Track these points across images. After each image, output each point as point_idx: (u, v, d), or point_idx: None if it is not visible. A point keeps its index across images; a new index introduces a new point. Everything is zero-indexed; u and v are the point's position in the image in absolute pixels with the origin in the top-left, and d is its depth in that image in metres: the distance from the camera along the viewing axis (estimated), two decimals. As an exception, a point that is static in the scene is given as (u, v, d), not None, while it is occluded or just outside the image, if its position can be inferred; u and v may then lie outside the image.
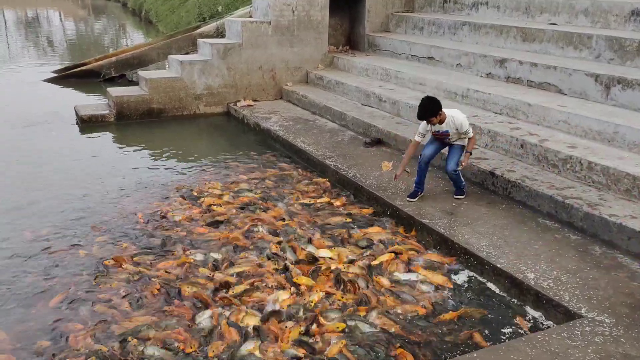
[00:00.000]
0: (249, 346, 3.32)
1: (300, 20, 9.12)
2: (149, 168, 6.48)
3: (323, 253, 4.39)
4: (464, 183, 5.10)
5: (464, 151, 4.93)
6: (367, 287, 3.97)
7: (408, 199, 5.07)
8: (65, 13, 31.72)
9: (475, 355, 3.08)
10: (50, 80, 11.47)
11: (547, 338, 3.18)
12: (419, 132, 4.96)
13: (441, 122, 4.80)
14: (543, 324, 3.55)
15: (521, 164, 5.37)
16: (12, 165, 6.47)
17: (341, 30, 10.23)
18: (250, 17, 9.96)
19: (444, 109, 4.78)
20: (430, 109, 4.72)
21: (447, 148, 5.08)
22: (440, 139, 5.00)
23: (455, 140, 4.95)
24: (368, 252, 4.43)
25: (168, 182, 5.97)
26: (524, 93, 6.38)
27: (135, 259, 4.35)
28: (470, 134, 4.90)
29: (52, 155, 6.84)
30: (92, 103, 9.11)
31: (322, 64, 9.50)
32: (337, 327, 3.51)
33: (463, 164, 4.90)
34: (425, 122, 4.85)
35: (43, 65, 13.29)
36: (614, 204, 4.39)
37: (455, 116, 4.83)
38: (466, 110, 6.43)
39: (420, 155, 5.04)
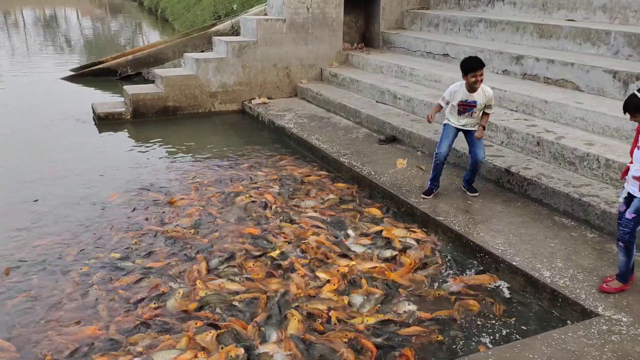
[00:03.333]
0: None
1: (315, 17, 9.13)
2: (164, 165, 6.53)
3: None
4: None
5: (479, 125, 4.90)
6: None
7: (423, 196, 5.06)
8: (82, 12, 32.08)
9: (490, 352, 3.07)
10: (68, 79, 11.61)
11: (562, 336, 3.16)
12: (444, 97, 4.95)
13: (475, 89, 4.77)
14: (559, 323, 3.53)
15: (537, 161, 5.33)
16: (29, 163, 6.55)
17: (356, 28, 10.22)
18: (265, 14, 9.99)
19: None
20: (480, 61, 4.71)
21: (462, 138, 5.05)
22: (463, 111, 4.89)
23: (475, 122, 4.91)
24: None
25: (183, 180, 6.01)
26: (541, 90, 6.32)
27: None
28: (492, 109, 4.96)
29: (69, 153, 6.91)
30: (109, 101, 9.22)
31: (336, 62, 9.50)
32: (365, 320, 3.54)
33: (478, 135, 4.89)
34: (454, 86, 4.85)
35: (61, 64, 13.45)
36: (632, 202, 4.34)
37: (488, 89, 4.87)
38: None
39: (436, 153, 4.98)
